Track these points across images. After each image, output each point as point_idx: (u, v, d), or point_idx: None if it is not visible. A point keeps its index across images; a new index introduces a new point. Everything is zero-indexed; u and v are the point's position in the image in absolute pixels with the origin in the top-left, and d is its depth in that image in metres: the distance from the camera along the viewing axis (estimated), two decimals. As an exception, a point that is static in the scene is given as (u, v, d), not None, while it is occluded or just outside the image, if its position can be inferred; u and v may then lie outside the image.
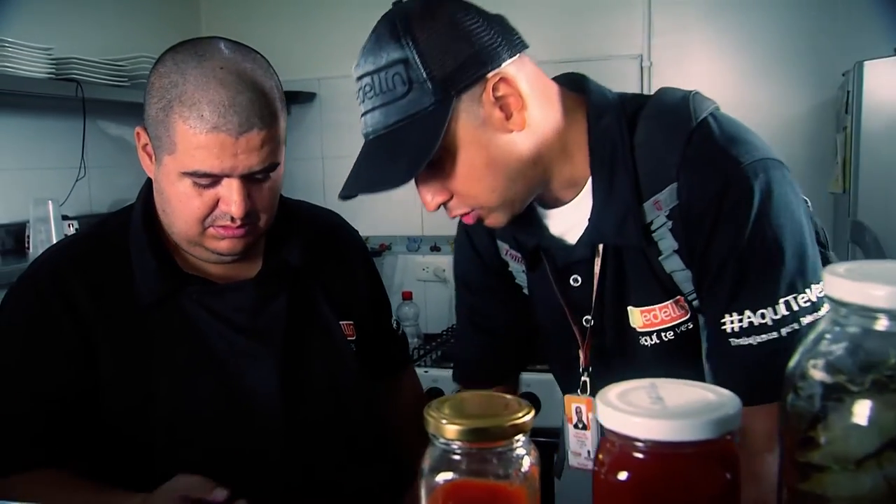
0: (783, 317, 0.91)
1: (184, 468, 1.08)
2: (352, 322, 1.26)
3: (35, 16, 2.36)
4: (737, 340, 0.94)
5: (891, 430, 0.45)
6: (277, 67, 1.13)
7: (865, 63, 2.22)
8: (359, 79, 0.95)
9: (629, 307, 1.03)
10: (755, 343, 0.93)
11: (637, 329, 1.02)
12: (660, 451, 0.50)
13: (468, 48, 0.90)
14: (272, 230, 1.17)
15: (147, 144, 1.09)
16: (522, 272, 1.17)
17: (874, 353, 0.47)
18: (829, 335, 0.50)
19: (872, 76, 2.22)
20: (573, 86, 1.04)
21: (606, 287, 1.04)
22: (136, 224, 1.15)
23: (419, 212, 3.01)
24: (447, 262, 2.99)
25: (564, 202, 1.04)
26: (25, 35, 2.16)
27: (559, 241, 1.07)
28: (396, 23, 0.91)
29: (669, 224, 0.97)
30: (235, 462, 1.12)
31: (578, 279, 1.06)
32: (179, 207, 1.07)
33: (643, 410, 0.51)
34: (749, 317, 0.93)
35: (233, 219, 1.06)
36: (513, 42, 0.95)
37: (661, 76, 2.69)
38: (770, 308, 0.92)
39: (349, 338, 1.25)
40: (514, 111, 0.93)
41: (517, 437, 0.56)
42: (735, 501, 0.50)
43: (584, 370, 1.07)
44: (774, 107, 2.65)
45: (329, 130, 3.00)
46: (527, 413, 0.56)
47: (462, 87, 0.91)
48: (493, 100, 0.92)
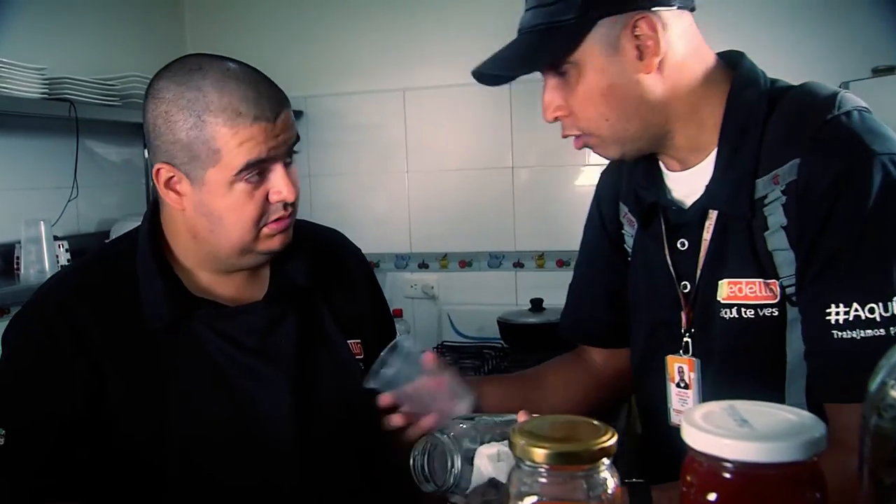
0: (893, 315, 0.88)
1: (197, 494, 1.09)
2: (359, 341, 1.27)
3: (27, 35, 2.34)
4: (840, 333, 0.91)
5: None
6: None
7: (850, 84, 2.29)
8: None
9: (720, 280, 1.03)
10: (858, 338, 0.90)
11: (720, 301, 1.03)
12: (749, 473, 0.52)
13: None
14: None
15: (171, 178, 1.09)
16: (632, 237, 1.21)
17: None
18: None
19: (853, 97, 2.28)
20: (729, 62, 1.07)
21: (708, 256, 1.05)
22: (144, 249, 1.15)
23: (407, 229, 3.03)
24: (435, 280, 3.01)
25: (689, 167, 1.07)
26: (18, 55, 2.14)
27: (676, 203, 1.10)
28: None
29: (783, 199, 0.97)
30: (249, 486, 1.12)
31: (685, 243, 1.09)
32: (234, 217, 1.08)
33: (732, 433, 0.53)
34: (857, 310, 0.90)
35: (285, 206, 1.10)
36: None
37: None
38: (880, 304, 0.89)
39: (357, 356, 1.26)
40: (648, 55, 0.98)
41: (603, 460, 0.57)
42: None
43: (686, 331, 1.08)
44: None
45: (316, 148, 3.00)
46: (612, 436, 0.58)
47: (604, 13, 0.97)
48: (632, 36, 0.98)
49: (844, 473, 0.54)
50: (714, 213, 1.04)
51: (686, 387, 1.08)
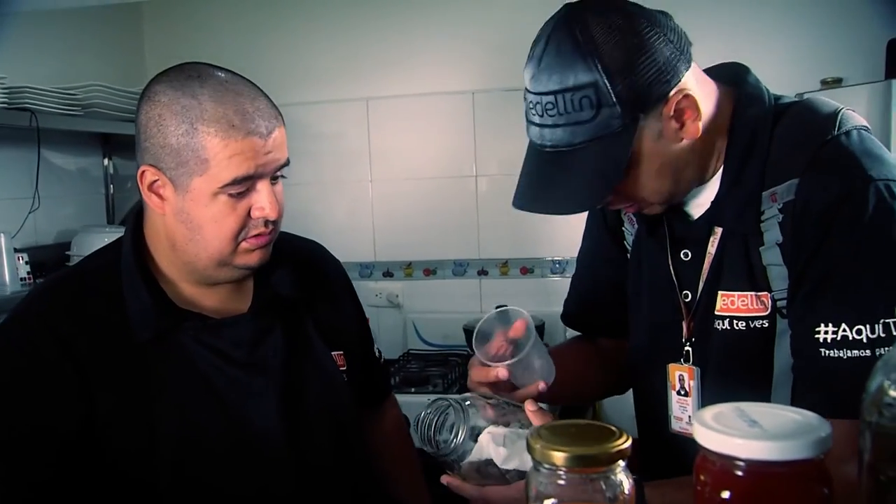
0: (879, 337, 0.91)
1: None
2: (342, 352, 1.28)
3: (-15, 43, 2.29)
4: (827, 351, 0.94)
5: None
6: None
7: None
8: (538, 94, 0.97)
9: (719, 291, 1.06)
10: (845, 357, 0.93)
11: (716, 312, 1.06)
12: (761, 471, 0.55)
13: (653, 65, 0.94)
14: None
15: (155, 182, 1.08)
16: (632, 234, 1.23)
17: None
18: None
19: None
20: (728, 76, 1.08)
21: (711, 268, 1.08)
22: (128, 261, 1.14)
23: (371, 238, 3.03)
24: (400, 288, 3.02)
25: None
26: (-25, 64, 2.10)
27: (683, 214, 1.12)
28: (579, 37, 0.93)
29: (780, 217, 0.99)
30: (242, 498, 1.12)
31: (689, 254, 1.11)
32: (214, 228, 1.08)
33: (743, 433, 0.56)
34: (845, 330, 0.93)
35: (266, 223, 1.10)
36: (683, 49, 0.98)
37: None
38: (868, 326, 0.92)
39: (341, 368, 1.27)
40: (689, 121, 0.98)
41: (619, 463, 0.60)
42: (831, 515, 0.56)
43: (687, 340, 1.11)
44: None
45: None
46: (626, 440, 0.61)
47: (649, 107, 0.95)
48: (672, 113, 0.97)
49: (836, 480, 0.57)
50: (720, 229, 1.07)
51: (686, 394, 1.11)
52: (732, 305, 1.04)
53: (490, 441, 0.91)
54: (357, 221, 3.03)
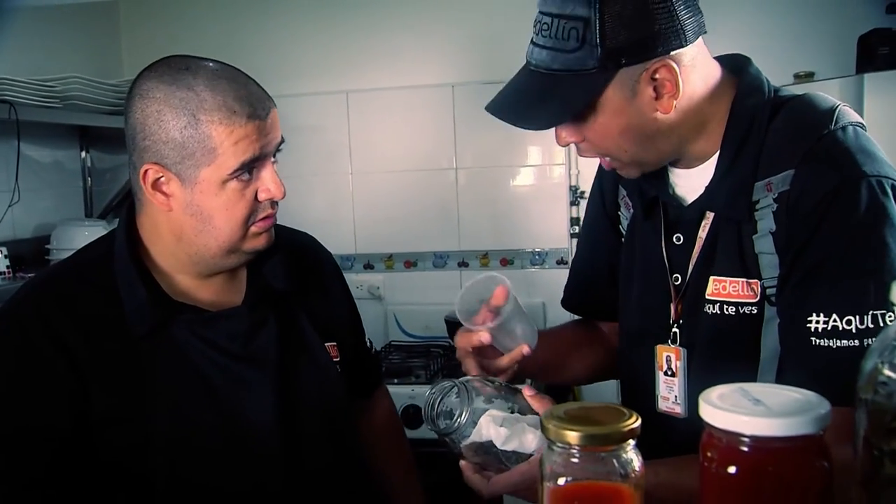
0: (868, 328, 0.94)
1: (185, 500, 1.09)
2: (335, 343, 1.29)
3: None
4: (817, 340, 0.97)
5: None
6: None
7: (774, 88, 2.42)
8: (541, 13, 1.02)
9: (710, 277, 1.09)
10: (834, 346, 0.96)
11: (706, 296, 1.09)
12: (765, 446, 0.58)
13: (647, 29, 0.96)
14: None
15: (159, 178, 1.08)
16: (627, 219, 1.26)
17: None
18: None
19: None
20: (731, 66, 1.10)
21: (701, 254, 1.11)
22: (122, 254, 1.14)
23: (352, 230, 3.04)
24: (381, 280, 3.04)
25: (692, 166, 1.11)
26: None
27: (677, 199, 1.14)
28: None
29: (774, 207, 1.02)
30: (237, 491, 1.13)
31: (681, 238, 1.14)
32: (225, 216, 1.09)
33: (748, 410, 0.59)
34: (835, 320, 0.96)
35: (272, 203, 1.13)
36: (692, 27, 1.00)
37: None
38: (857, 316, 0.95)
39: (334, 359, 1.28)
40: (666, 95, 1.00)
41: (629, 441, 0.63)
42: (831, 487, 0.59)
43: (675, 322, 1.14)
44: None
45: (257, 150, 2.98)
46: (636, 419, 0.64)
47: (626, 63, 0.97)
48: (650, 80, 0.99)
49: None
50: (711, 214, 1.10)
51: (672, 375, 1.14)
52: (724, 291, 1.07)
53: (490, 423, 0.94)
54: (337, 214, 3.04)
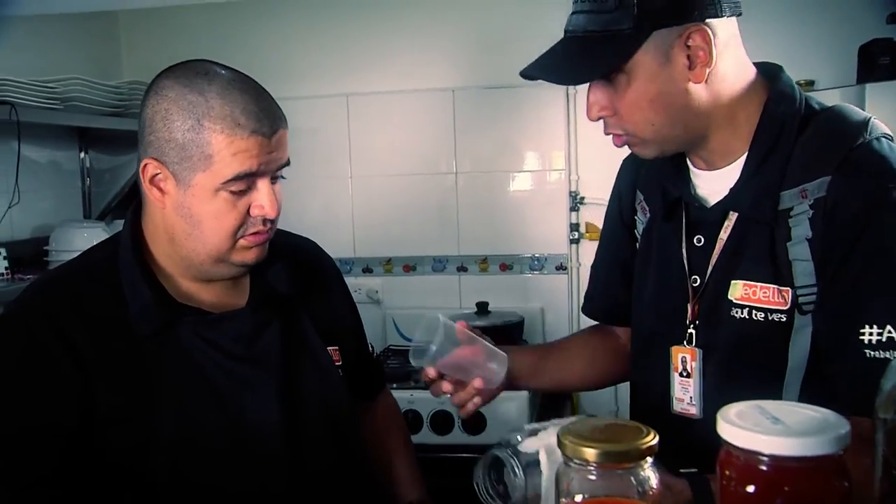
0: None
1: (188, 501, 1.09)
2: (337, 347, 1.30)
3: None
4: (872, 352, 0.97)
5: None
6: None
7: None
8: None
9: (733, 280, 1.09)
10: (892, 358, 0.95)
11: (733, 299, 1.08)
12: (784, 465, 0.58)
13: None
14: None
15: (157, 175, 1.10)
16: (643, 224, 1.26)
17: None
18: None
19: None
20: (764, 72, 1.11)
21: (722, 255, 1.11)
22: (127, 255, 1.15)
23: (351, 234, 3.04)
24: (379, 284, 3.03)
25: (716, 168, 1.12)
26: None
27: (699, 200, 1.15)
28: None
29: (810, 213, 1.02)
30: (240, 493, 1.13)
31: (701, 239, 1.14)
32: (214, 224, 1.09)
33: (767, 429, 0.59)
34: (890, 332, 0.96)
35: (264, 221, 1.11)
36: (725, 3, 1.02)
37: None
38: None
39: (336, 363, 1.28)
40: (699, 64, 1.01)
41: (647, 459, 0.63)
42: (850, 507, 0.59)
43: (692, 323, 1.14)
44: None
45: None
46: (654, 437, 0.63)
47: (660, 24, 0.99)
48: (684, 46, 1.01)
49: (868, 473, 0.60)
50: (734, 215, 1.10)
51: (688, 376, 1.14)
52: (754, 296, 1.07)
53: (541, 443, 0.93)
54: (337, 217, 3.03)
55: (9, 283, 2.21)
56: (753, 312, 1.07)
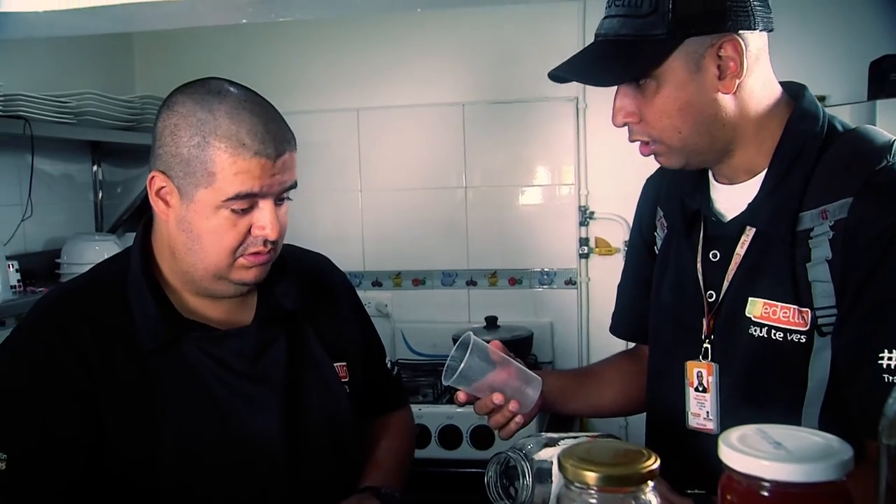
0: None
1: None
2: (344, 364, 1.30)
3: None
4: (891, 377, 0.96)
5: None
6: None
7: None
8: None
9: (751, 297, 1.08)
10: None
11: (752, 317, 1.08)
12: (785, 492, 0.58)
13: (719, 2, 0.99)
14: None
15: (163, 188, 1.11)
16: (662, 239, 1.26)
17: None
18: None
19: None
20: (789, 91, 1.11)
21: (739, 271, 1.10)
22: (136, 269, 1.16)
23: (360, 247, 3.05)
24: (389, 297, 3.04)
25: (735, 182, 1.12)
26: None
27: (717, 214, 1.15)
28: None
29: (830, 234, 1.02)
30: None
31: (717, 255, 1.14)
32: (213, 241, 1.10)
33: (769, 455, 0.59)
34: None
35: (265, 242, 1.11)
36: (763, 16, 1.03)
37: (596, 118, 2.84)
38: None
39: (343, 379, 1.28)
40: (729, 75, 1.02)
41: (648, 483, 0.62)
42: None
43: (707, 337, 1.13)
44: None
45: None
46: (655, 461, 0.63)
47: (694, 32, 1.00)
48: (716, 56, 1.01)
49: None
50: (751, 231, 1.10)
51: (704, 390, 1.14)
52: (774, 315, 1.06)
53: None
54: (346, 231, 3.04)
55: (21, 296, 2.23)
56: (773, 332, 1.06)
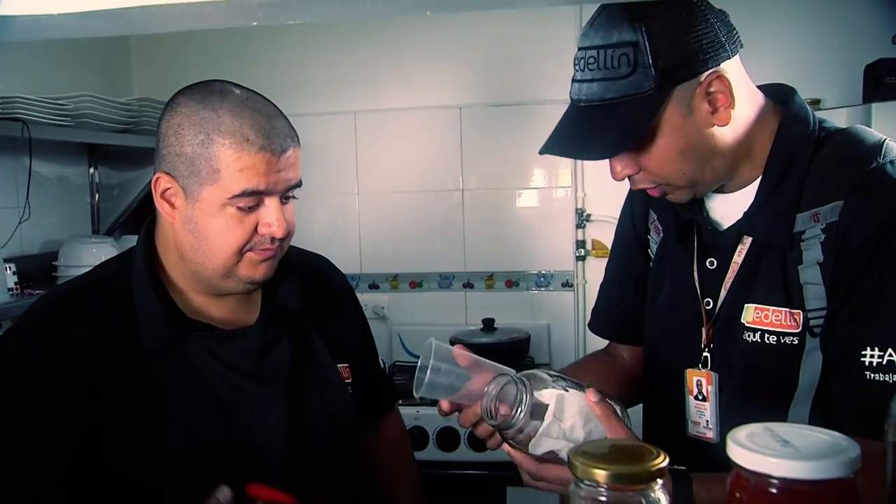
0: None
1: None
2: (347, 365, 1.30)
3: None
4: (872, 374, 0.97)
5: None
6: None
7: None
8: (583, 49, 1.02)
9: (746, 304, 1.09)
10: (891, 381, 0.95)
11: (745, 323, 1.08)
12: (794, 489, 0.58)
13: (694, 42, 0.98)
14: None
15: (168, 189, 1.11)
16: (657, 243, 1.26)
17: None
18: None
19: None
20: (776, 96, 1.11)
21: (736, 279, 1.11)
22: (140, 270, 1.15)
23: (357, 250, 3.05)
24: (386, 300, 3.04)
25: (730, 191, 1.12)
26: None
27: (712, 223, 1.15)
28: (632, 4, 0.98)
29: (822, 237, 1.02)
30: None
31: (714, 262, 1.14)
32: (220, 239, 1.09)
33: (777, 452, 0.59)
34: (891, 355, 0.96)
35: (272, 240, 1.11)
36: (732, 40, 1.02)
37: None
38: None
39: (346, 381, 1.29)
40: (721, 107, 1.01)
41: (657, 480, 0.63)
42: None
43: (706, 346, 1.14)
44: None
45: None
46: (665, 459, 0.64)
47: (681, 79, 0.99)
48: (705, 94, 1.01)
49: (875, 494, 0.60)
50: (748, 239, 1.10)
51: (704, 399, 1.14)
52: (766, 319, 1.07)
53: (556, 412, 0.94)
54: (343, 233, 3.04)
55: (18, 299, 2.22)
56: (766, 336, 1.07)
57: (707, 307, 1.14)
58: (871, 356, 0.97)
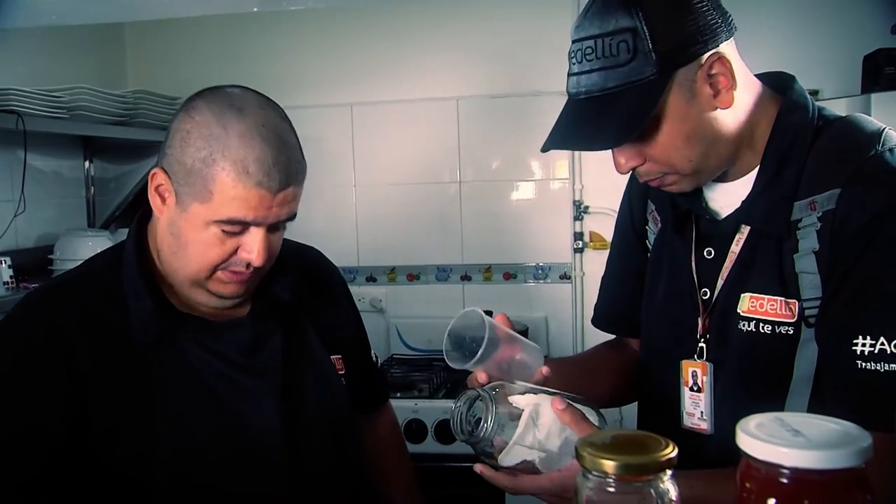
0: None
1: None
2: (340, 357, 1.30)
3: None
4: (864, 363, 0.96)
5: None
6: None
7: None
8: (579, 40, 1.00)
9: (742, 293, 1.08)
10: (882, 370, 0.94)
11: (740, 312, 1.07)
12: (806, 478, 0.58)
13: (692, 25, 0.97)
14: None
15: (161, 185, 1.10)
16: (654, 234, 1.25)
17: None
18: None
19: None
20: (776, 84, 1.10)
21: (733, 268, 1.09)
22: (131, 264, 1.15)
23: (355, 242, 3.04)
24: (383, 293, 3.03)
25: (728, 180, 1.11)
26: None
27: (710, 212, 1.14)
28: None
29: (818, 226, 1.01)
30: (239, 501, 1.13)
31: (712, 252, 1.13)
32: (198, 252, 1.09)
33: (788, 442, 0.59)
34: (882, 344, 0.95)
35: (248, 265, 1.10)
36: (728, 23, 1.01)
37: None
38: None
39: (339, 372, 1.29)
40: (723, 89, 1.00)
41: (666, 471, 0.62)
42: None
43: (702, 337, 1.12)
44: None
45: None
46: (673, 449, 0.63)
47: (682, 62, 0.97)
48: (707, 76, 0.99)
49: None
50: (746, 228, 1.09)
51: (699, 390, 1.13)
52: (761, 308, 1.06)
53: (526, 426, 0.93)
54: (340, 226, 3.03)
55: (13, 292, 2.21)
56: (761, 325, 1.06)
57: (704, 297, 1.13)
58: (864, 344, 0.96)
